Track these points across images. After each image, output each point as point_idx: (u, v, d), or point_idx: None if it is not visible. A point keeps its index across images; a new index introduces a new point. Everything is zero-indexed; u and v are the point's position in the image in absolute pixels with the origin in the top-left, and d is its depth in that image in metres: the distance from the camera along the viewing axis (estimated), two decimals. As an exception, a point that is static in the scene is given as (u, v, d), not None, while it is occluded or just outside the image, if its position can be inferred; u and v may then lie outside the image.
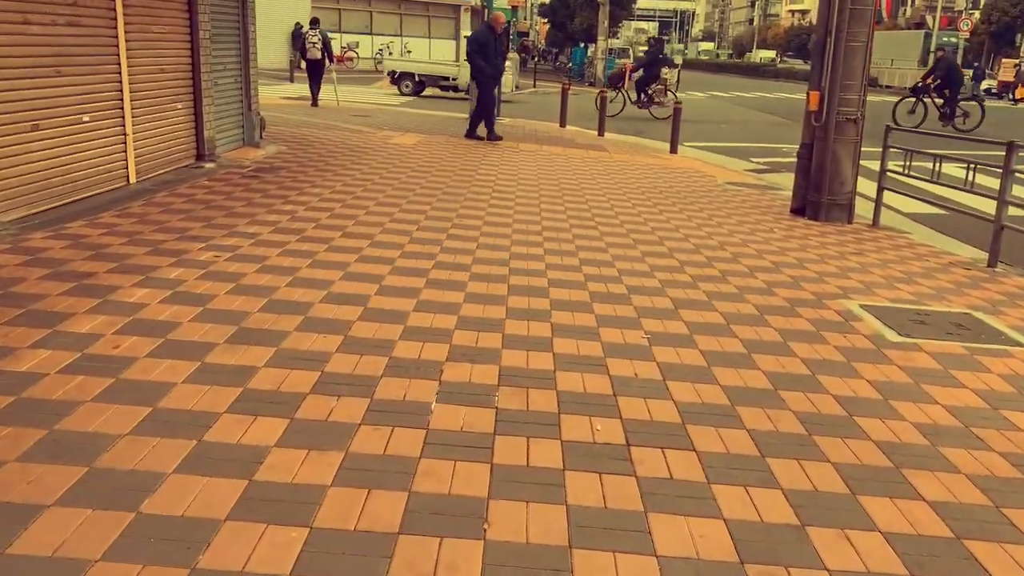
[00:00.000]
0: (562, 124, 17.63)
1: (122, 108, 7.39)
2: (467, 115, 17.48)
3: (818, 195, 8.94)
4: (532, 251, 6.33)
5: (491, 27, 13.17)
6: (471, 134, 13.68)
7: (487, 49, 12.84)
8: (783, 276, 6.14)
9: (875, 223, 8.84)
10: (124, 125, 7.44)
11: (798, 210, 9.24)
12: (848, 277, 6.26)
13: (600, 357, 4.18)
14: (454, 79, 24.59)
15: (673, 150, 14.52)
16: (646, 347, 4.38)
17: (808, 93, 9.10)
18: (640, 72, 21.40)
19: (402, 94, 24.92)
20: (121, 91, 7.36)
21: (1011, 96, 38.74)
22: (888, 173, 8.76)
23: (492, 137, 13.52)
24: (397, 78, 25.65)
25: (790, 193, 10.38)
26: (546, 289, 5.33)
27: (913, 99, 20.82)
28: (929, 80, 20.30)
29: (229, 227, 6.28)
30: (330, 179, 8.69)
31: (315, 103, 18.61)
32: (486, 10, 17.59)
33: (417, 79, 25.40)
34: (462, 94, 18.10)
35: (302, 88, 19.67)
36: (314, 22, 18.72)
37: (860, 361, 4.39)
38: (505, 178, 9.82)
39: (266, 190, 7.83)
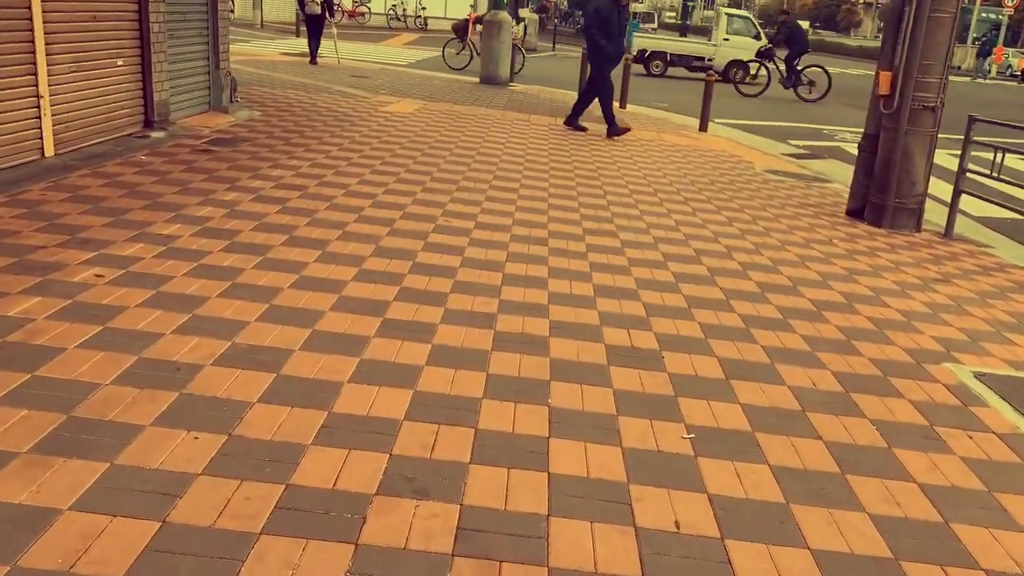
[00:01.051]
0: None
1: (34, 64, 5.93)
2: (475, 77, 16.07)
3: (883, 196, 7.44)
4: (533, 272, 4.88)
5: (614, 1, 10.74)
6: (573, 122, 11.32)
7: (609, 24, 10.67)
8: (860, 319, 4.69)
9: (948, 233, 7.36)
10: (37, 85, 5.99)
11: (855, 212, 7.75)
12: (943, 321, 4.80)
13: (622, 483, 2.77)
14: (710, 59, 23.14)
15: (703, 127, 12.98)
16: (687, 457, 2.96)
17: (877, 73, 7.55)
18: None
19: (650, 74, 23.64)
20: (33, 42, 5.90)
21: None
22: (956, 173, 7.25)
23: (614, 131, 10.99)
24: (647, 58, 23.99)
25: (840, 186, 8.92)
26: (546, 340, 3.90)
27: (757, 63, 20.72)
28: (772, 45, 20.17)
29: (140, 226, 4.85)
30: (297, 157, 7.23)
31: (314, 61, 17.11)
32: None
33: (669, 58, 24.00)
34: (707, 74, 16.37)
35: (305, 44, 18.14)
36: (314, -26, 17.07)
37: (1005, 490, 2.96)
38: (510, 159, 8.34)
39: (212, 170, 6.38)
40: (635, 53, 23.43)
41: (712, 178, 8.78)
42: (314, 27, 17.06)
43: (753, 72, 22.28)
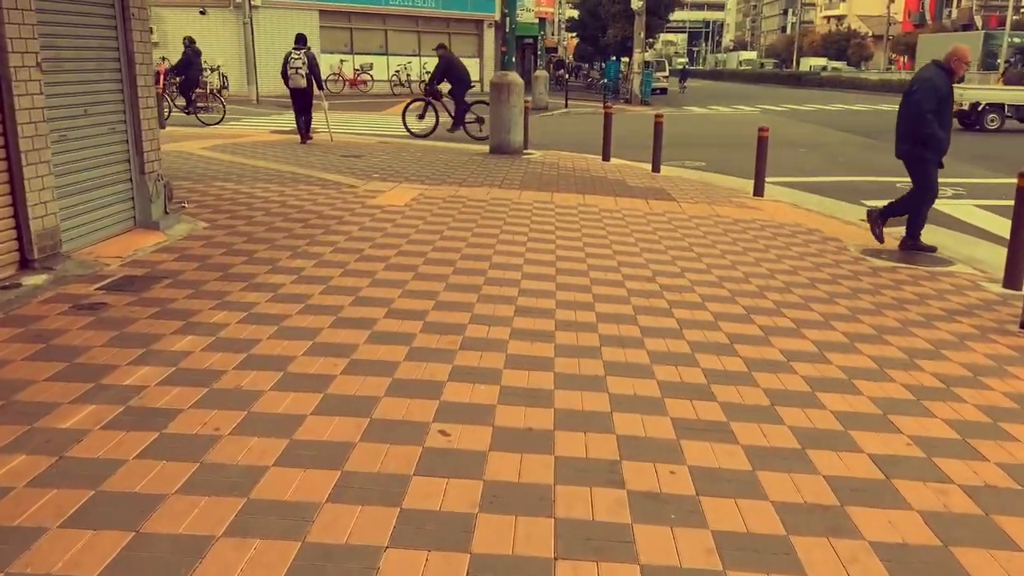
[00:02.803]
0: (606, 156, 13.98)
1: None
2: (484, 145, 13.97)
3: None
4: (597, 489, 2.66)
5: (949, 70, 7.44)
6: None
7: (945, 107, 7.38)
8: None
9: None
10: None
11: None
12: None
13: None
14: None
15: (758, 190, 10.79)
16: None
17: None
18: None
19: (983, 130, 21.80)
20: None
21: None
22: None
23: (916, 247, 7.61)
24: (981, 111, 22.07)
25: (973, 272, 6.67)
26: None
27: (423, 103, 17.78)
28: (437, 83, 17.15)
29: None
30: (229, 303, 5.04)
31: (304, 139, 15.17)
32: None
33: (1006, 110, 22.09)
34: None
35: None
36: (300, 40, 15.25)
37: None
38: (536, 272, 6.15)
39: (81, 350, 4.18)
40: (967, 106, 21.71)
41: (802, 269, 6.53)
42: (301, 102, 15.17)
43: None
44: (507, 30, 13.83)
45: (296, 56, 14.75)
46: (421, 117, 17.52)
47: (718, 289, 5.89)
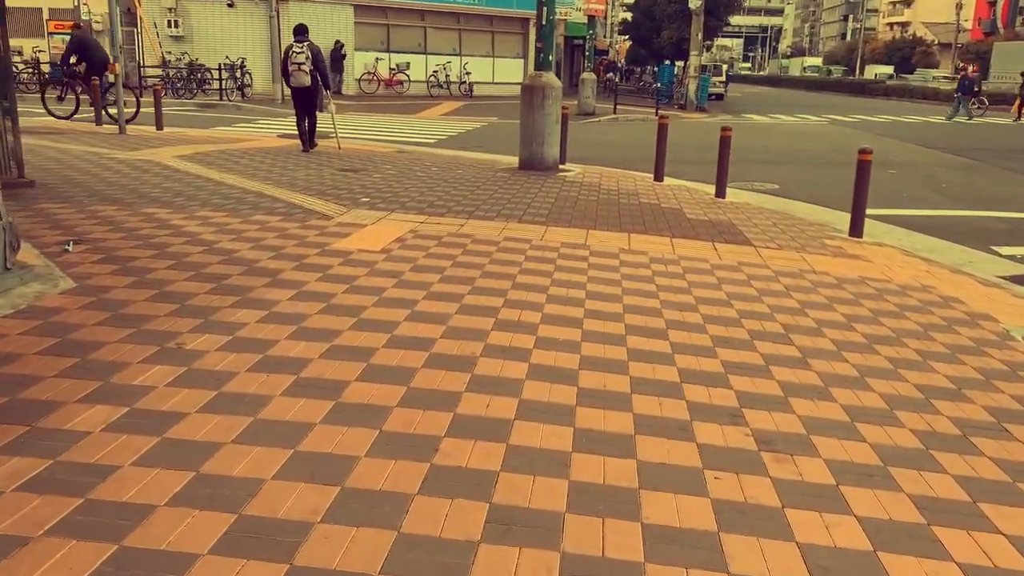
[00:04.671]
0: (658, 176, 11.57)
1: None
2: (512, 158, 11.56)
3: None
4: None
5: None
6: None
7: None
8: None
9: None
10: None
11: None
12: None
13: None
14: None
15: (856, 230, 8.31)
16: None
17: None
18: None
19: None
20: None
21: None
22: None
23: None
24: None
25: None
26: None
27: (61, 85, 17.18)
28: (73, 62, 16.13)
29: None
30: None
31: (307, 147, 13.03)
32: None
33: None
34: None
35: (324, 118, 14.22)
36: (300, 32, 13.04)
37: None
38: (541, 403, 3.77)
39: None
40: None
41: (971, 385, 4.06)
42: (304, 103, 13.00)
43: None
44: (543, 23, 11.42)
45: (298, 50, 12.57)
46: (61, 99, 17.08)
47: (850, 442, 3.46)
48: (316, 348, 4.02)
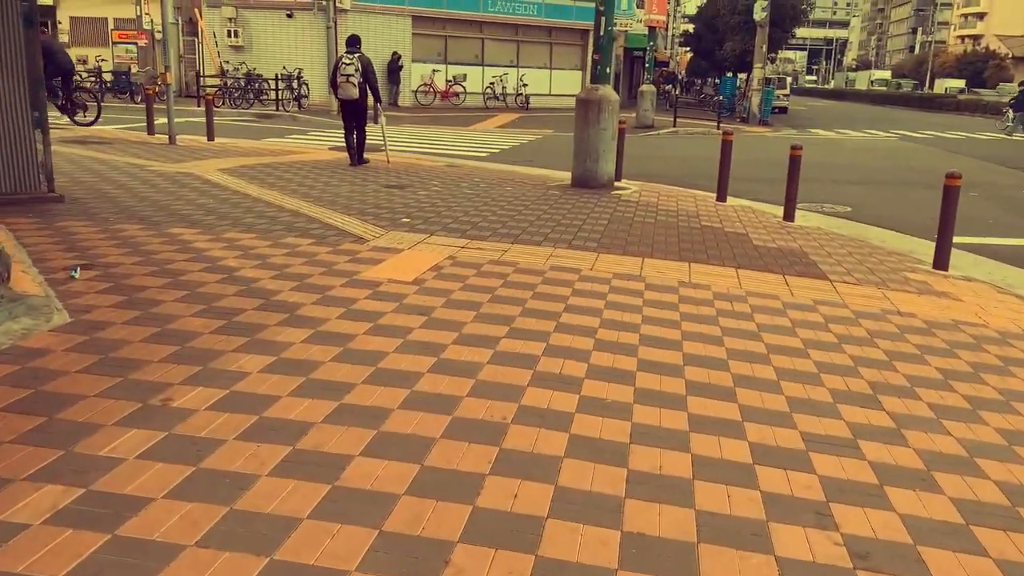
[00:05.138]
0: (721, 196, 10.85)
1: None
2: (560, 173, 10.88)
3: None
4: None
5: None
6: None
7: None
8: None
9: None
10: None
11: None
12: None
13: None
14: None
15: (941, 262, 7.50)
16: None
17: None
18: None
19: None
20: None
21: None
22: None
23: None
24: None
25: None
26: None
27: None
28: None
29: None
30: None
31: (355, 161, 12.61)
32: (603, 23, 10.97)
33: None
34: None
35: (375, 131, 13.85)
36: (352, 42, 12.63)
37: None
38: (583, 486, 3.14)
39: None
40: None
41: None
42: (352, 116, 12.57)
43: None
44: (600, 34, 10.81)
45: (348, 61, 12.14)
46: (64, 109, 16.73)
47: (967, 555, 2.75)
48: (321, 409, 3.44)
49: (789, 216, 9.67)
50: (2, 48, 7.55)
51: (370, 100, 12.32)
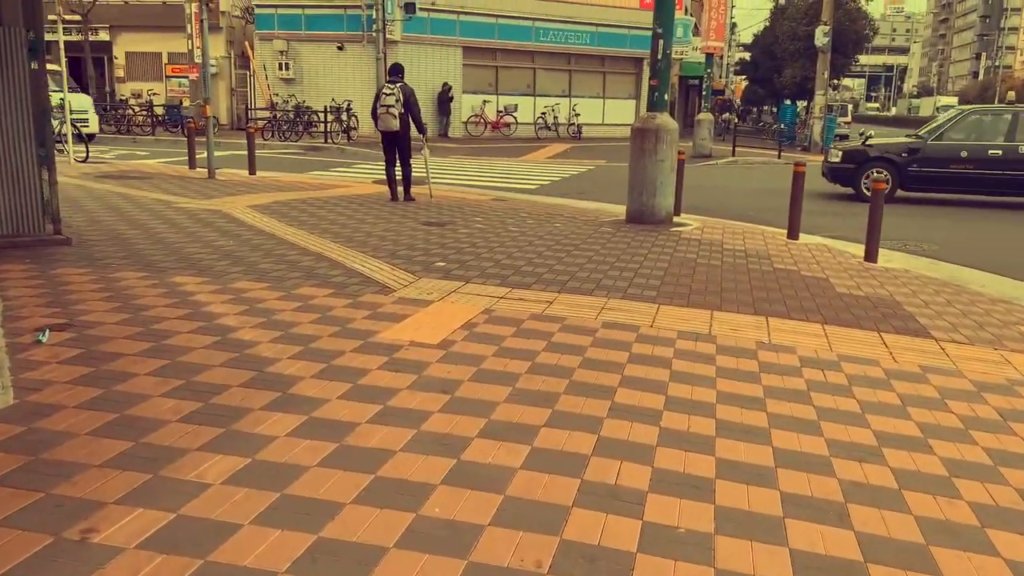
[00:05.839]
0: (793, 233, 9.80)
1: None
2: (615, 207, 9.88)
3: None
4: None
5: None
6: None
7: None
8: None
9: None
10: None
11: None
12: None
13: None
14: None
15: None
16: None
17: None
18: None
19: None
20: None
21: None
22: None
23: None
24: None
25: None
26: None
27: None
28: None
29: None
30: None
31: (396, 196, 11.88)
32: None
33: None
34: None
35: (420, 164, 13.11)
36: (395, 71, 11.95)
37: None
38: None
39: None
40: None
41: None
42: (393, 149, 11.83)
43: None
44: (658, 58, 9.90)
45: (389, 91, 11.42)
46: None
47: None
48: (291, 547, 2.55)
49: (871, 256, 8.61)
50: (6, 81, 6.94)
51: (415, 131, 11.57)
